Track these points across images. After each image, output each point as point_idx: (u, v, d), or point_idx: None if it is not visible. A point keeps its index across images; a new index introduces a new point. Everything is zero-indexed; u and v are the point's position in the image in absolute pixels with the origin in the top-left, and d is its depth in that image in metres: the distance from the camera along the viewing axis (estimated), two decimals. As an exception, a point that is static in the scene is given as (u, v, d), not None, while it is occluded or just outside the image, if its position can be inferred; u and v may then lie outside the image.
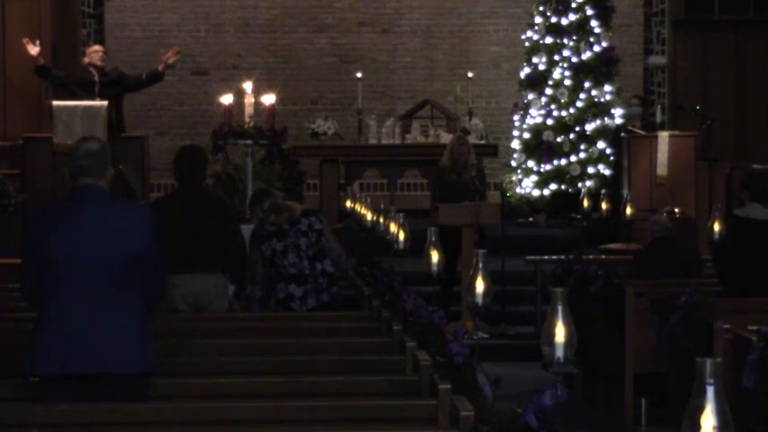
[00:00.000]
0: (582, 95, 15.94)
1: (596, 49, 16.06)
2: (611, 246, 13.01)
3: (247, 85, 11.77)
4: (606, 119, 15.89)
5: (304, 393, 5.55)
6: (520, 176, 16.33)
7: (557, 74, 16.01)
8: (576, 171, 15.77)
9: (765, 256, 8.34)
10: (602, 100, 15.99)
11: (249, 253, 8.14)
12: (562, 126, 15.94)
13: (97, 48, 13.16)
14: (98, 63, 12.68)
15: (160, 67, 12.83)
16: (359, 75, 16.10)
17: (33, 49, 12.58)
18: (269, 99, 11.54)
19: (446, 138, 14.25)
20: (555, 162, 15.90)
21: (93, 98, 12.28)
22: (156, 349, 5.57)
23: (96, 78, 12.56)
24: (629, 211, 13.07)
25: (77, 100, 12.21)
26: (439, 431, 5.06)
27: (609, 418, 8.92)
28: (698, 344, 7.51)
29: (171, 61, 12.87)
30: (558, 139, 15.90)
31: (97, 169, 5.54)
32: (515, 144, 16.41)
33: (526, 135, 16.19)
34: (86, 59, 12.97)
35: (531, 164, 16.13)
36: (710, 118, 14.60)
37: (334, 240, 8.39)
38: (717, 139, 15.10)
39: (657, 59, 18.19)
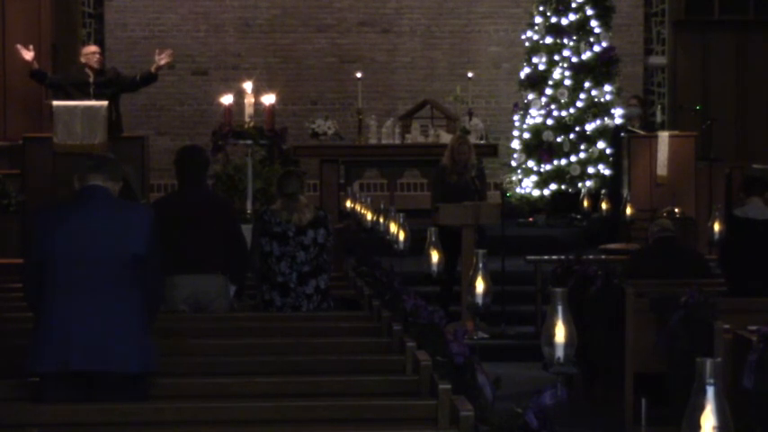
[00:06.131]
0: (582, 95, 15.93)
1: (596, 49, 16.05)
2: (611, 246, 12.99)
3: (247, 85, 11.80)
4: (606, 119, 15.88)
5: (304, 393, 5.55)
6: (520, 176, 16.32)
7: (557, 74, 16.00)
8: (576, 171, 15.76)
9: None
10: (602, 100, 15.98)
11: (251, 237, 8.17)
12: (562, 126, 15.93)
13: (93, 49, 13.13)
14: (94, 66, 12.66)
15: (152, 69, 12.88)
16: (359, 75, 16.09)
17: (27, 54, 12.59)
18: (269, 99, 11.56)
19: (446, 138, 14.23)
20: (555, 162, 15.89)
21: (88, 99, 12.28)
22: (158, 349, 5.58)
23: (91, 80, 12.55)
24: (629, 211, 13.05)
25: (73, 101, 12.21)
26: (439, 431, 5.06)
27: (609, 418, 8.91)
28: (698, 344, 7.51)
29: (163, 63, 12.92)
30: (558, 139, 15.89)
31: (107, 170, 5.55)
32: (515, 144, 16.40)
33: (526, 135, 16.18)
34: (82, 59, 12.96)
35: (531, 164, 16.11)
36: (710, 118, 14.57)
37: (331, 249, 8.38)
38: (717, 139, 15.09)
39: (657, 59, 18.18)
